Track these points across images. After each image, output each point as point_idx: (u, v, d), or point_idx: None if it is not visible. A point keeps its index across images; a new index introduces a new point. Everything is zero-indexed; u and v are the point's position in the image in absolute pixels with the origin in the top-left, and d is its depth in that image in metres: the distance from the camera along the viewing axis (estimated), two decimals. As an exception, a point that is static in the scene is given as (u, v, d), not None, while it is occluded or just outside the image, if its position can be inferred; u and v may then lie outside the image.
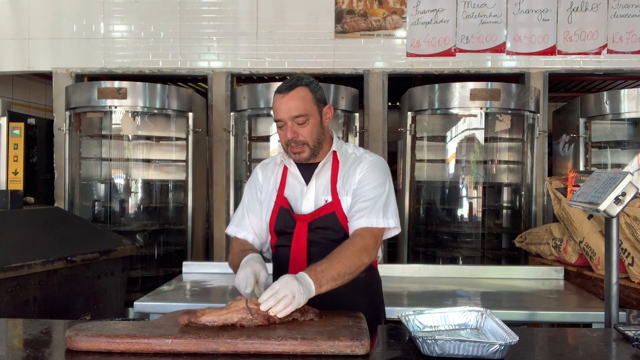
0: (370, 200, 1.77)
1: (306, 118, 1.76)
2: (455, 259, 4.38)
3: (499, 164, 4.71)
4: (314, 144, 1.80)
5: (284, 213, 1.85)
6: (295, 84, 1.78)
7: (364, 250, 1.70)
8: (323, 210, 1.81)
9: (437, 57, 4.77)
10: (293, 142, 1.78)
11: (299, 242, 1.81)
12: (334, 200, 1.81)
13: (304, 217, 1.82)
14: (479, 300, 2.53)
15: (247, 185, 2.00)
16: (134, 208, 4.72)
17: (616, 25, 4.67)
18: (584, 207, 1.78)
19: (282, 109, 1.77)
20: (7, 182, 4.63)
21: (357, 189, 1.81)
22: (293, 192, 1.87)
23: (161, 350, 1.31)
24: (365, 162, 1.85)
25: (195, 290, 2.68)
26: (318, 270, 1.57)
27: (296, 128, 1.77)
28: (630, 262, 2.65)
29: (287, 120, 1.77)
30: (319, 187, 1.84)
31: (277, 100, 1.78)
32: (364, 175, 1.82)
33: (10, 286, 2.60)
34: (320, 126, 1.81)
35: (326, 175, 1.85)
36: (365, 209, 1.76)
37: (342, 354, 1.31)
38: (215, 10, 4.89)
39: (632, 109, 4.11)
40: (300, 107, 1.76)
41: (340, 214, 1.80)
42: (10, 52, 4.98)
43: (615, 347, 1.48)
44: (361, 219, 1.74)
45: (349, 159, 1.87)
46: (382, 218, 1.75)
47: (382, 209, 1.77)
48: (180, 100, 4.49)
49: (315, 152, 1.82)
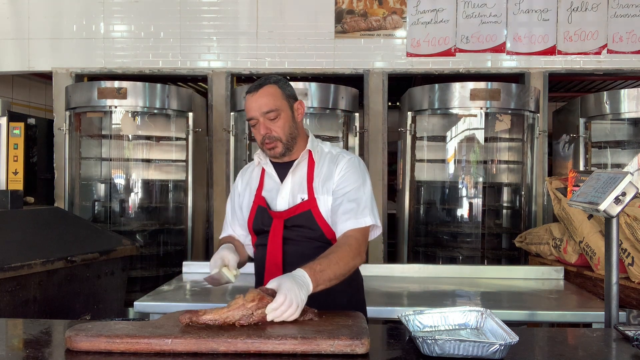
0: (355, 200, 1.80)
1: (277, 113, 1.79)
2: (455, 258, 4.38)
3: (499, 164, 4.71)
4: (287, 139, 1.82)
5: (261, 211, 1.88)
6: (263, 83, 1.82)
7: (358, 251, 1.74)
8: (299, 208, 1.83)
9: (437, 57, 4.77)
10: (267, 138, 1.81)
11: (274, 239, 1.83)
12: (310, 199, 1.82)
13: (280, 215, 1.84)
14: (479, 300, 2.53)
15: (230, 195, 2.07)
16: (134, 208, 4.72)
17: (616, 25, 4.67)
18: (584, 207, 1.78)
19: (253, 107, 1.80)
20: (7, 182, 4.63)
21: (338, 189, 1.82)
22: (270, 191, 1.90)
23: (161, 350, 1.31)
24: (343, 161, 1.86)
25: (195, 290, 2.68)
26: (317, 269, 1.58)
27: (268, 124, 1.80)
28: (630, 262, 2.65)
29: (258, 117, 1.80)
30: (294, 185, 1.86)
31: (247, 100, 1.82)
32: (343, 175, 1.84)
33: (10, 286, 2.60)
34: (292, 121, 1.84)
35: (301, 174, 1.87)
36: (351, 210, 1.78)
37: (342, 353, 1.31)
38: (215, 10, 4.89)
39: (632, 109, 4.11)
40: (270, 102, 1.79)
41: (316, 212, 1.82)
42: (10, 52, 4.98)
43: (615, 347, 1.48)
44: (349, 221, 1.77)
45: (325, 158, 1.89)
46: (369, 216, 1.79)
47: (369, 208, 1.80)
48: (180, 100, 4.49)
49: (289, 147, 1.84)
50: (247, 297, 1.44)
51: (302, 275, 1.53)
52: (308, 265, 1.59)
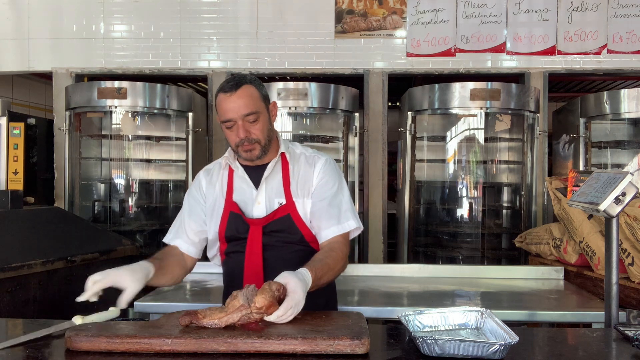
0: (337, 205, 1.79)
1: (257, 115, 1.73)
2: (455, 258, 4.38)
3: (499, 164, 4.71)
4: (265, 141, 1.77)
5: (234, 218, 1.81)
6: (240, 82, 1.73)
7: (344, 258, 1.76)
8: (278, 213, 1.78)
9: (437, 57, 4.77)
10: (246, 141, 1.73)
11: (253, 247, 1.77)
12: (288, 203, 1.78)
13: (258, 221, 1.78)
14: (479, 300, 2.53)
15: (188, 192, 1.96)
16: (134, 208, 4.72)
17: (616, 25, 4.67)
18: (584, 207, 1.78)
19: (231, 108, 1.71)
20: (7, 182, 4.63)
21: (317, 192, 1.80)
22: (242, 196, 1.83)
23: (161, 350, 1.31)
24: (320, 163, 1.84)
25: (195, 290, 2.68)
26: (318, 275, 1.57)
27: (248, 126, 1.73)
28: (630, 262, 2.65)
29: (237, 119, 1.72)
30: (270, 190, 1.81)
31: (223, 100, 1.72)
32: (322, 178, 1.81)
33: (10, 286, 2.60)
34: (269, 123, 1.80)
35: (277, 178, 1.82)
36: (334, 215, 1.78)
37: (342, 353, 1.31)
38: (215, 10, 4.89)
39: (632, 109, 4.11)
40: (250, 104, 1.72)
41: (296, 216, 1.78)
42: (10, 52, 4.98)
43: (615, 347, 1.48)
44: (333, 227, 1.77)
45: (299, 160, 1.85)
46: (352, 219, 1.80)
47: (350, 211, 1.81)
48: (180, 100, 4.49)
49: (266, 150, 1.79)
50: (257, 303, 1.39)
51: (307, 278, 1.52)
52: (312, 268, 1.57)
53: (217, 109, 1.76)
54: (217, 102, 1.76)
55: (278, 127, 4.73)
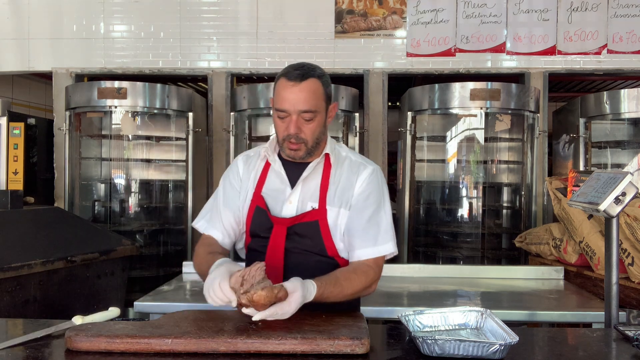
0: (376, 224, 1.65)
1: (314, 115, 1.60)
2: (455, 258, 4.38)
3: (499, 164, 4.71)
4: (312, 144, 1.64)
5: (259, 214, 1.68)
6: (308, 74, 1.59)
7: (371, 283, 1.64)
8: (306, 217, 1.64)
9: (437, 57, 4.77)
10: (294, 138, 1.61)
11: (275, 250, 1.65)
12: (320, 209, 1.64)
13: (283, 221, 1.65)
14: (479, 300, 2.53)
15: (225, 176, 1.81)
16: (134, 208, 4.72)
17: (616, 25, 4.67)
18: (584, 207, 1.78)
19: (290, 99, 1.58)
20: (7, 182, 4.63)
21: (357, 206, 1.66)
22: (272, 192, 1.70)
23: (161, 350, 1.31)
24: (365, 173, 1.69)
25: (195, 290, 2.68)
26: (324, 294, 1.50)
27: (301, 123, 1.60)
28: (630, 262, 2.65)
29: (292, 112, 1.59)
30: (305, 191, 1.67)
31: (285, 88, 1.59)
32: (364, 190, 1.67)
33: (10, 286, 2.60)
34: (323, 126, 1.66)
35: (316, 180, 1.68)
36: (372, 236, 1.64)
37: (342, 353, 1.31)
38: (215, 10, 4.89)
39: (632, 109, 4.11)
40: (310, 101, 1.59)
41: (324, 224, 1.64)
42: (10, 52, 4.98)
43: (615, 347, 1.48)
44: (368, 249, 1.64)
45: (344, 164, 1.71)
46: (390, 243, 1.67)
47: (390, 234, 1.67)
48: (180, 100, 4.49)
49: (311, 152, 1.66)
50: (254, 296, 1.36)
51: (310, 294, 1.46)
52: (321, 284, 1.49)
53: (275, 94, 1.63)
54: (276, 87, 1.63)
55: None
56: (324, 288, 1.50)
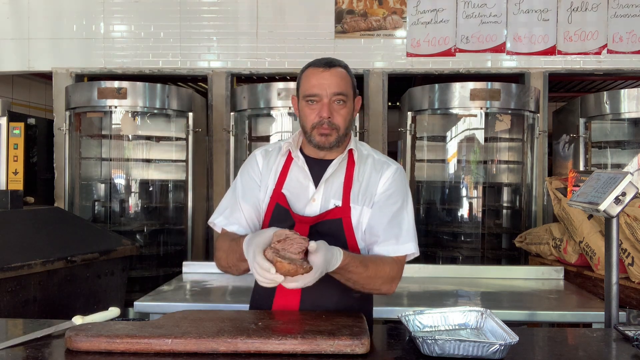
0: (398, 224, 1.62)
1: (345, 99, 1.60)
2: (455, 258, 4.38)
3: (499, 164, 4.72)
4: (344, 131, 1.61)
5: (279, 211, 1.64)
6: (335, 62, 1.62)
7: (392, 280, 1.60)
8: (330, 214, 1.61)
9: (437, 57, 4.77)
10: (327, 123, 1.58)
11: None
12: (344, 207, 1.62)
13: (306, 219, 1.60)
14: (479, 300, 2.53)
15: (243, 169, 1.74)
16: (134, 208, 4.72)
17: (616, 25, 4.67)
18: (584, 207, 1.78)
19: (322, 83, 1.58)
20: (7, 182, 4.63)
21: (380, 204, 1.63)
22: (295, 188, 1.65)
23: (161, 350, 1.31)
24: (389, 171, 1.67)
25: (195, 290, 2.68)
26: (351, 265, 1.47)
27: (333, 107, 1.59)
28: (630, 262, 2.65)
29: (324, 96, 1.58)
30: (329, 189, 1.64)
31: (314, 74, 1.60)
32: (388, 189, 1.65)
33: (10, 286, 2.60)
34: (352, 115, 1.65)
35: (340, 177, 1.65)
36: (393, 235, 1.61)
37: (342, 353, 1.31)
38: (215, 10, 4.89)
39: (632, 109, 4.11)
40: (341, 85, 1.59)
41: (347, 222, 1.61)
42: (10, 52, 4.98)
43: (615, 347, 1.48)
44: (390, 247, 1.61)
45: (367, 162, 1.69)
46: (412, 243, 1.64)
47: (412, 234, 1.65)
48: (180, 100, 4.49)
49: (341, 141, 1.63)
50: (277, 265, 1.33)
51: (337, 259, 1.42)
52: (350, 255, 1.46)
53: (303, 83, 1.63)
54: (304, 76, 1.63)
55: (278, 127, 4.73)
56: (350, 258, 1.46)
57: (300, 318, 1.46)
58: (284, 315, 1.53)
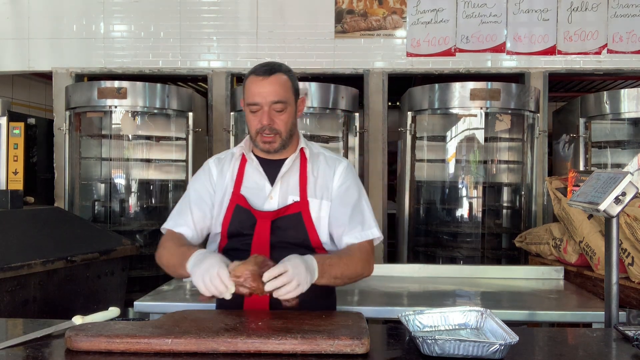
0: (360, 212, 1.74)
1: (284, 105, 1.67)
2: (455, 258, 4.38)
3: (499, 164, 4.71)
4: (286, 135, 1.70)
5: (240, 212, 1.71)
6: (275, 69, 1.68)
7: (367, 262, 1.70)
8: (289, 209, 1.70)
9: (437, 57, 4.77)
10: (268, 129, 1.67)
11: (260, 242, 1.68)
12: (301, 201, 1.71)
13: (267, 214, 1.69)
14: (479, 300, 2.53)
15: (195, 178, 1.83)
16: (134, 208, 4.72)
17: (616, 25, 4.67)
18: (584, 207, 1.78)
19: (260, 92, 1.65)
20: (7, 182, 4.63)
21: (338, 198, 1.74)
22: (253, 189, 1.74)
23: (161, 350, 1.31)
24: (341, 167, 1.78)
25: (195, 290, 2.66)
26: (326, 263, 1.55)
27: (273, 115, 1.67)
28: (630, 262, 2.65)
29: (264, 104, 1.66)
30: (285, 187, 1.73)
31: (254, 82, 1.67)
32: (343, 183, 1.76)
33: (10, 286, 2.60)
34: (294, 117, 1.74)
35: (294, 174, 1.75)
36: (358, 222, 1.72)
37: (342, 353, 1.31)
38: (215, 10, 4.89)
39: (632, 109, 4.11)
40: (280, 92, 1.67)
41: (307, 215, 1.71)
42: (10, 52, 4.98)
43: (615, 347, 1.48)
44: (357, 233, 1.71)
45: (319, 159, 1.80)
46: (375, 228, 1.75)
47: (373, 220, 1.76)
48: (180, 100, 4.49)
49: (286, 144, 1.72)
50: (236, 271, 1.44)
51: (310, 262, 1.50)
52: (317, 256, 1.55)
53: (245, 91, 1.70)
54: (246, 84, 1.70)
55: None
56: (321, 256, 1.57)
57: (300, 318, 1.46)
58: (283, 315, 1.53)
